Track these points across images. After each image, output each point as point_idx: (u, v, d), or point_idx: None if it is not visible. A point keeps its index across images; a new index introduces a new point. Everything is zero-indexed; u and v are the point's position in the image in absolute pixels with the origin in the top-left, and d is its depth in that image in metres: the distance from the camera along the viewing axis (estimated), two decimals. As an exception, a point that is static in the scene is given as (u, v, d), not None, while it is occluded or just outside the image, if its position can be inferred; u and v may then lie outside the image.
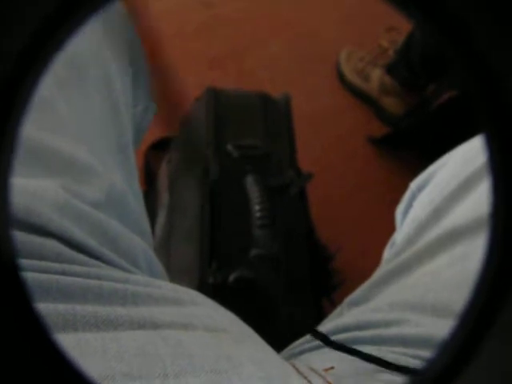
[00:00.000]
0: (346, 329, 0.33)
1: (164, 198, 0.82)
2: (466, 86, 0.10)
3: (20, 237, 0.25)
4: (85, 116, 0.34)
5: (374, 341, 0.31)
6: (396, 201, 0.53)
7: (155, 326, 0.25)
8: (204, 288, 0.68)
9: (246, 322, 0.31)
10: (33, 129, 0.30)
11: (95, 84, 0.36)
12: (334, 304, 0.74)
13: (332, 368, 0.26)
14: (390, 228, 0.55)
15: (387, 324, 0.32)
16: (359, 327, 0.32)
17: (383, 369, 0.29)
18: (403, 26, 1.09)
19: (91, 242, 0.28)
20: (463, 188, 0.40)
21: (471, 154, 0.43)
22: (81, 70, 0.35)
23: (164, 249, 0.75)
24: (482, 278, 0.11)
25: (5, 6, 0.09)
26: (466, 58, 0.10)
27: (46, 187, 0.28)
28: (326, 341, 0.30)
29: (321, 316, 0.73)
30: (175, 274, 0.70)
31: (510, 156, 0.10)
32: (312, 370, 0.27)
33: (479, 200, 0.38)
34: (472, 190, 0.40)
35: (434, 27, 0.10)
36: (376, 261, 0.54)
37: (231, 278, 0.67)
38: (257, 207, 0.71)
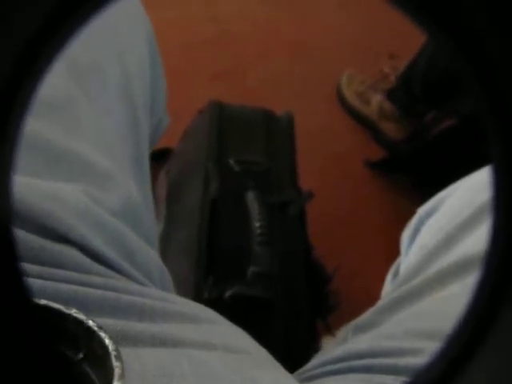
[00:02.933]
0: (359, 355, 0.32)
1: (161, 209, 0.81)
2: (478, 104, 0.10)
3: (39, 242, 0.24)
4: (105, 123, 0.34)
5: (390, 370, 0.30)
6: (388, 224, 0.52)
7: (176, 343, 0.24)
8: (198, 302, 0.67)
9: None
10: (55, 130, 0.29)
11: (117, 91, 0.35)
12: (328, 326, 0.73)
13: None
14: (381, 250, 0.54)
15: (403, 352, 0.31)
16: (374, 354, 0.32)
17: None
18: (406, 53, 1.10)
19: (110, 252, 0.27)
20: (477, 217, 0.40)
21: (485, 182, 0.43)
22: (103, 77, 0.35)
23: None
24: (482, 282, 0.11)
25: (5, 6, 0.09)
26: (480, 73, 0.10)
27: (67, 191, 0.27)
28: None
29: (315, 337, 0.73)
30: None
31: None
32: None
33: None
34: (486, 219, 0.39)
35: (449, 40, 0.10)
36: (368, 282, 0.54)
37: (227, 294, 0.66)
38: (257, 224, 0.70)
